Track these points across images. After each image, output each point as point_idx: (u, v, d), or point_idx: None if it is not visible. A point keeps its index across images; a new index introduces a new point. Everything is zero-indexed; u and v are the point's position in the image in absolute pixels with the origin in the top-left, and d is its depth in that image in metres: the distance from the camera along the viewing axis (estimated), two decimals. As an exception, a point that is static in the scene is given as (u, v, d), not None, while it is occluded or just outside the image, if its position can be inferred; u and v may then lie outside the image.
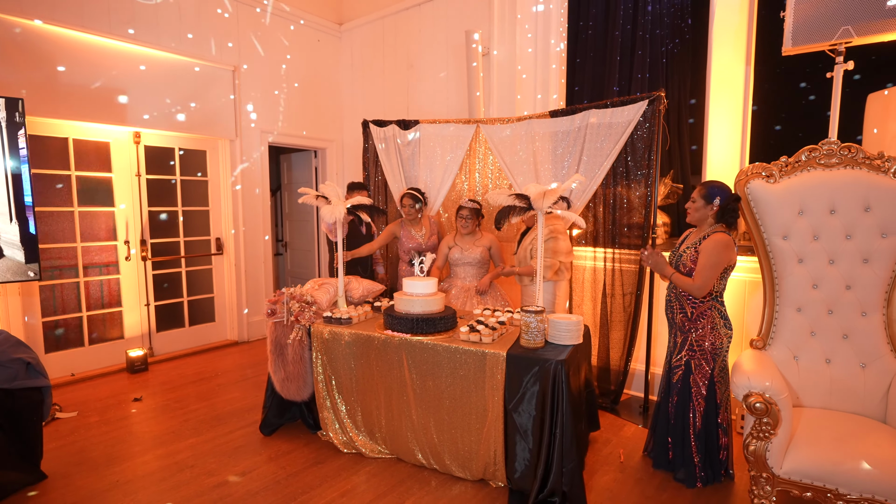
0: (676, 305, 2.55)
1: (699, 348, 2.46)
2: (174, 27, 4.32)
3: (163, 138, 4.50)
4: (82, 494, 2.46)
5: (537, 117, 3.62)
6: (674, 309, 2.57)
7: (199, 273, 4.89)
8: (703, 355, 2.45)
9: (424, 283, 2.77)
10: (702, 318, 2.46)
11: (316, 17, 5.42)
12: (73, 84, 3.80)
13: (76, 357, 4.08)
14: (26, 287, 3.71)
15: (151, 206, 4.46)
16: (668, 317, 2.62)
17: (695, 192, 2.53)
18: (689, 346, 2.49)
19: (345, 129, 5.79)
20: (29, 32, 3.57)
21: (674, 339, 2.60)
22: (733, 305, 3.28)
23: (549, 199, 2.51)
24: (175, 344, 4.69)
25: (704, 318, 2.46)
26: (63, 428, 3.18)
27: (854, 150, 2.42)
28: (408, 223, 3.81)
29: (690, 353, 2.48)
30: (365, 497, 2.42)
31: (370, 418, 2.80)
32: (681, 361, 2.52)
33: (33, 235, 3.03)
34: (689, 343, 2.48)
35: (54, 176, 3.90)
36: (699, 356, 2.46)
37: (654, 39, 4.13)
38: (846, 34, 2.93)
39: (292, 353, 2.91)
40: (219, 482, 2.56)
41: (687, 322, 2.49)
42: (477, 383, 2.43)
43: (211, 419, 3.31)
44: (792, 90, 3.78)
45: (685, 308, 2.50)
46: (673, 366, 2.56)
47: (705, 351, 2.45)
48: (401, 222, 3.85)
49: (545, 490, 2.25)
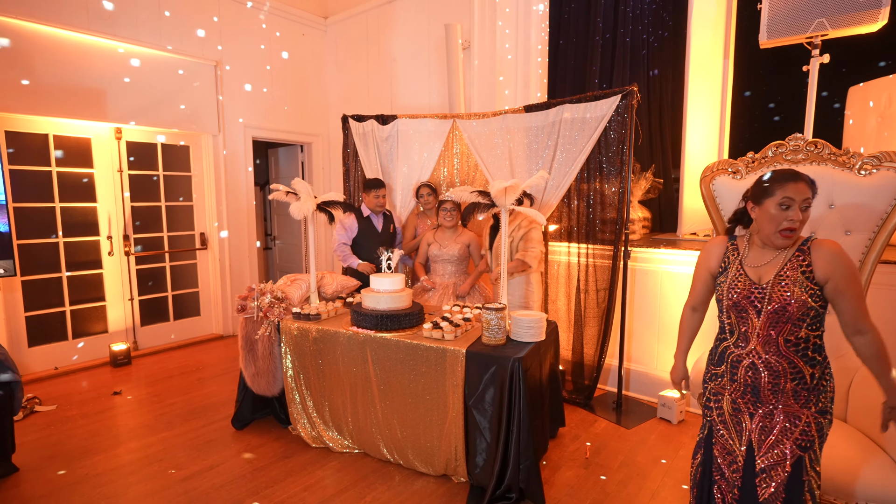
0: (784, 366, 1.53)
1: (818, 430, 1.53)
2: (155, 22, 4.31)
3: (145, 134, 4.51)
4: (51, 487, 2.50)
5: (512, 112, 3.60)
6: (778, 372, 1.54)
7: (183, 268, 4.92)
8: (821, 438, 1.54)
9: (391, 280, 2.77)
10: (825, 379, 1.55)
11: (301, 10, 5.39)
12: (52, 81, 3.81)
13: (60, 351, 4.13)
14: (7, 282, 3.75)
15: (134, 202, 4.48)
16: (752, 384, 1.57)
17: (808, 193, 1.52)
18: (803, 429, 1.52)
19: (330, 123, 5.78)
20: (5, 29, 3.58)
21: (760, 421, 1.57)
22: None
23: (512, 196, 2.50)
24: (160, 338, 4.73)
25: (827, 378, 1.56)
26: (40, 421, 3.23)
27: (820, 145, 2.39)
28: (425, 215, 3.93)
29: (806, 439, 1.51)
30: (326, 492, 2.44)
31: (337, 414, 2.82)
32: (782, 457, 1.52)
33: (3, 233, 3.06)
34: (805, 423, 1.52)
35: (35, 172, 3.93)
36: (819, 441, 1.53)
37: (636, 33, 4.09)
38: (821, 27, 2.89)
39: (262, 348, 2.94)
40: (185, 476, 2.59)
41: (805, 390, 1.53)
42: (438, 380, 2.44)
43: (186, 413, 3.35)
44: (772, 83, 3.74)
45: (805, 367, 1.52)
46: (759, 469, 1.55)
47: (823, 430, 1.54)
48: (417, 215, 3.98)
49: (502, 486, 2.27)
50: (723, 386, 1.67)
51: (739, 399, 1.62)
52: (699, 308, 1.89)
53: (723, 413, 1.67)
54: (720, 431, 1.67)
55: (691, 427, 3.08)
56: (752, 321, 1.59)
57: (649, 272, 3.47)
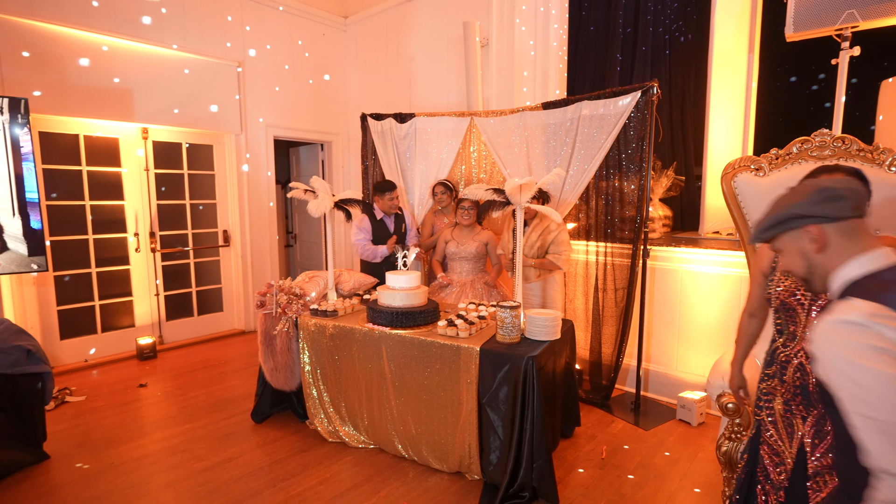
0: None
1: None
2: (180, 24, 4.42)
3: (170, 133, 4.64)
4: (79, 475, 2.59)
5: (530, 110, 3.57)
6: None
7: (207, 264, 5.04)
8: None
9: (407, 277, 2.79)
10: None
11: (321, 10, 5.45)
12: (83, 83, 3.94)
13: (89, 344, 4.28)
14: (40, 277, 3.90)
15: (160, 200, 4.61)
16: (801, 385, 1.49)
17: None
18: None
19: (350, 122, 5.83)
20: (39, 34, 3.72)
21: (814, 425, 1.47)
22: (728, 302, 3.19)
23: (527, 194, 2.48)
24: (184, 332, 4.86)
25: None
26: (70, 411, 3.35)
27: (848, 141, 2.31)
28: (441, 213, 3.93)
29: None
30: (342, 486, 2.48)
31: (353, 409, 2.85)
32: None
33: (35, 230, 3.19)
34: None
35: (66, 171, 4.08)
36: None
37: (657, 27, 4.01)
38: (851, 18, 2.79)
39: (280, 344, 2.99)
40: (206, 466, 2.66)
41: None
42: (452, 377, 2.45)
43: (208, 406, 3.44)
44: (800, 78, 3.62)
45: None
46: (812, 472, 1.45)
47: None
48: (435, 212, 3.98)
49: (515, 485, 2.26)
50: (774, 387, 1.61)
51: (791, 401, 1.56)
52: (757, 313, 1.78)
53: (773, 414, 1.60)
54: (769, 432, 1.61)
55: (711, 429, 3.02)
56: (800, 320, 1.55)
57: (669, 271, 3.41)
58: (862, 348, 0.87)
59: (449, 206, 3.86)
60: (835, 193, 1.01)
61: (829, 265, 1.03)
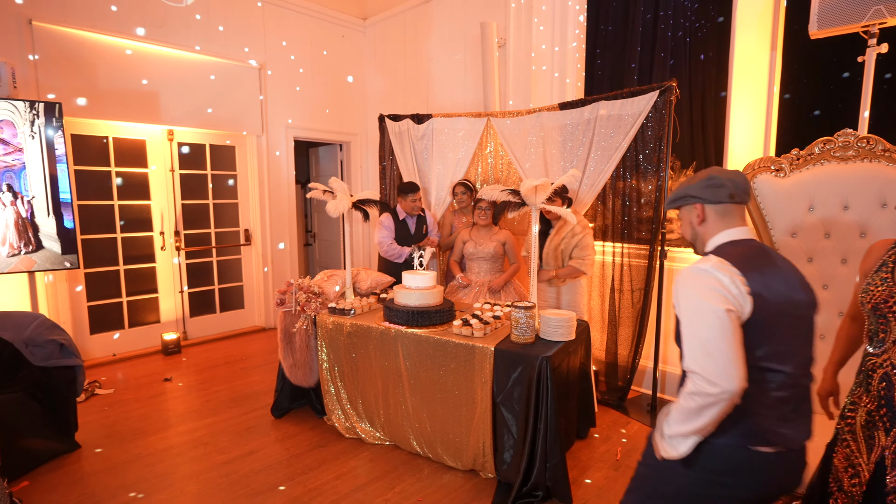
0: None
1: None
2: (203, 29, 4.54)
3: (195, 135, 4.76)
4: (107, 465, 2.70)
5: (547, 110, 3.57)
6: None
7: (229, 262, 5.16)
8: None
9: (423, 277, 2.83)
10: None
11: (340, 12, 5.53)
12: (112, 86, 4.08)
13: (118, 339, 4.44)
14: (72, 274, 4.05)
15: (185, 200, 4.74)
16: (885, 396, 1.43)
17: None
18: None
19: (368, 122, 5.90)
20: (71, 40, 3.87)
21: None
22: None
23: (542, 195, 2.49)
24: (207, 329, 4.99)
25: None
26: (100, 403, 3.48)
27: (873, 141, 2.27)
28: (461, 213, 3.96)
29: None
30: (358, 481, 2.53)
31: (369, 406, 2.90)
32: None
33: (69, 229, 3.32)
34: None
35: (96, 172, 4.23)
36: None
37: (678, 25, 3.96)
38: (878, 14, 2.72)
39: (299, 341, 3.06)
40: (227, 459, 2.74)
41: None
42: (466, 376, 2.48)
43: (230, 400, 3.53)
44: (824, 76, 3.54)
45: None
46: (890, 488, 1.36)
47: None
48: (453, 212, 4.03)
49: (528, 484, 2.28)
50: (860, 396, 1.51)
51: (875, 412, 1.45)
52: (858, 317, 1.65)
53: (853, 424, 1.51)
54: (846, 441, 1.53)
55: (729, 433, 2.98)
56: (890, 329, 1.43)
57: (687, 273, 3.37)
58: (702, 286, 1.24)
59: (468, 206, 3.89)
60: (718, 182, 1.36)
61: (705, 235, 1.41)
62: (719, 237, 1.37)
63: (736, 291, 1.22)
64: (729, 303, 1.21)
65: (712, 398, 1.17)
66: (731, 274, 1.23)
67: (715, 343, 1.18)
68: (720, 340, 1.18)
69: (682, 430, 1.24)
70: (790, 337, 1.29)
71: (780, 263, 1.33)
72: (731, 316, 1.19)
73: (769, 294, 1.25)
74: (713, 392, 1.16)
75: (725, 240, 1.36)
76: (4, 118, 3.18)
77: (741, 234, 1.36)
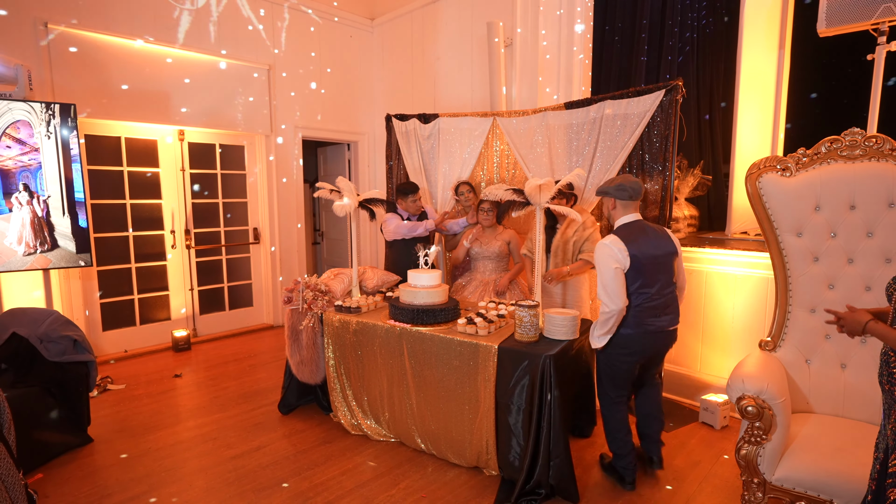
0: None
1: None
2: (213, 30, 4.60)
3: (204, 135, 4.83)
4: (119, 458, 2.76)
5: (553, 109, 3.58)
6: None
7: (238, 261, 5.23)
8: None
9: (428, 275, 2.85)
10: None
11: (349, 13, 5.57)
12: (125, 87, 4.16)
13: (129, 335, 4.52)
14: (86, 272, 4.13)
15: (195, 199, 4.81)
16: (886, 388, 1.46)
17: None
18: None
19: (376, 122, 5.93)
20: (85, 42, 3.94)
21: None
22: (754, 304, 3.13)
23: (546, 194, 2.50)
24: (216, 326, 5.06)
25: None
26: (112, 398, 3.55)
27: (880, 140, 2.25)
28: (463, 213, 3.97)
29: None
30: (363, 477, 2.56)
31: (375, 403, 2.93)
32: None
33: (83, 228, 3.39)
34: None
35: (109, 172, 4.30)
36: None
37: (685, 23, 3.94)
38: (888, 12, 2.70)
39: (306, 338, 3.10)
40: (236, 454, 2.79)
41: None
42: (470, 374, 2.50)
43: (238, 397, 3.59)
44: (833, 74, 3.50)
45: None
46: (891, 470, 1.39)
47: None
48: (458, 212, 4.04)
49: (531, 482, 2.29)
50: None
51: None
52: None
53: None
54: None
55: (735, 433, 2.97)
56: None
57: (694, 272, 3.36)
58: (604, 254, 2.25)
59: (473, 205, 3.91)
60: (623, 187, 2.35)
61: (614, 217, 2.43)
62: (622, 220, 2.38)
63: (621, 256, 2.23)
64: (617, 262, 2.22)
65: (610, 313, 2.24)
66: (619, 246, 2.24)
67: (609, 284, 2.21)
68: (611, 282, 2.21)
69: (600, 332, 2.32)
70: (654, 274, 2.29)
71: (651, 234, 2.34)
72: (617, 270, 2.21)
73: (640, 254, 2.25)
74: (610, 309, 2.23)
75: (623, 222, 2.37)
76: (21, 118, 3.25)
77: (632, 218, 2.37)
